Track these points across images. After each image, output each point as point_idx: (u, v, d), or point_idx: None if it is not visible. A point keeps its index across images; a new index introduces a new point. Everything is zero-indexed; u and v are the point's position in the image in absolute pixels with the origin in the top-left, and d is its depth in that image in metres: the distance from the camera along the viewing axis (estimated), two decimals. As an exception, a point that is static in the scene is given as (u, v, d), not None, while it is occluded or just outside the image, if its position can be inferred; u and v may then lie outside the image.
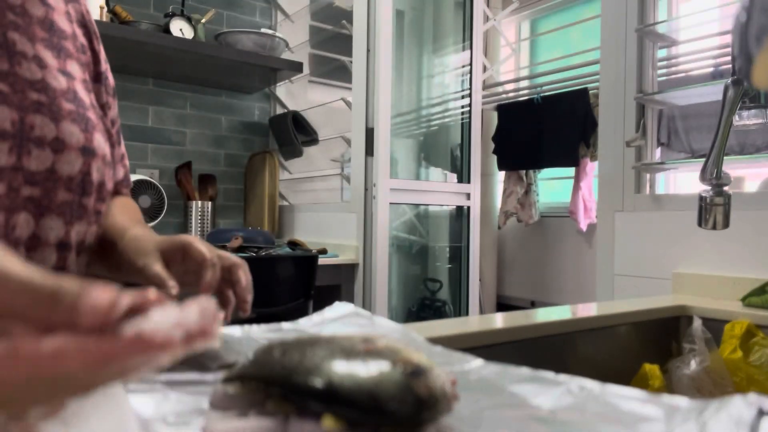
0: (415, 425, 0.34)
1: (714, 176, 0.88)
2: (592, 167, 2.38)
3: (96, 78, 0.71)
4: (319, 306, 0.72)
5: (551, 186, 2.76)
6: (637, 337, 0.99)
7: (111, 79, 0.75)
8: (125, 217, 0.71)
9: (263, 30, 2.53)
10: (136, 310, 0.24)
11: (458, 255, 2.51)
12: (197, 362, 0.50)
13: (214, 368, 0.49)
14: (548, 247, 2.66)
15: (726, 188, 0.90)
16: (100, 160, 0.63)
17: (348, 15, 2.42)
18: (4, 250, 0.24)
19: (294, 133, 2.59)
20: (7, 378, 0.20)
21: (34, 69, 0.57)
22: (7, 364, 0.20)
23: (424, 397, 0.34)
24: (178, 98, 2.54)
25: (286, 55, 2.61)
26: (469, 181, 2.44)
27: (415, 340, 0.59)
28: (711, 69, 1.55)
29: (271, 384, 0.36)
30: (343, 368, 0.35)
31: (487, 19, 2.71)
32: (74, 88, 0.62)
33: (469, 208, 2.44)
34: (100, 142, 0.63)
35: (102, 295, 0.23)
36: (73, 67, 0.64)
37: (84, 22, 0.70)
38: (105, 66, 0.73)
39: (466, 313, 2.42)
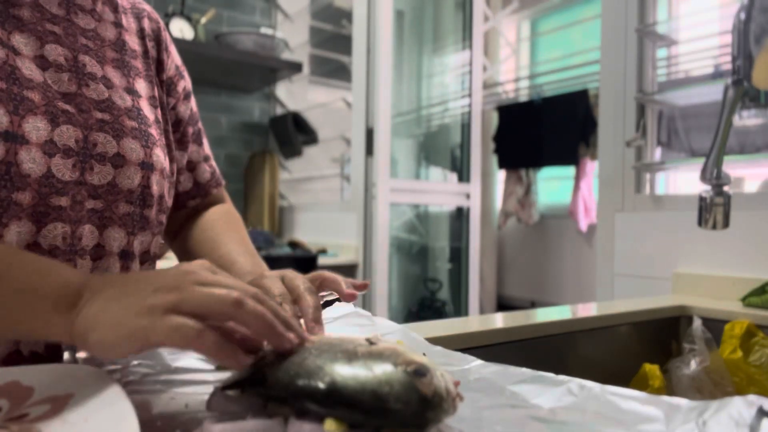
0: (420, 425, 0.33)
1: (714, 176, 0.88)
2: (592, 167, 2.38)
3: (161, 84, 0.75)
4: (319, 306, 0.72)
5: (551, 186, 2.76)
6: (637, 337, 0.99)
7: (183, 83, 0.78)
8: (236, 246, 0.74)
9: (263, 30, 2.53)
10: None
11: (458, 255, 2.51)
12: (197, 362, 0.50)
13: (214, 368, 0.49)
14: (548, 248, 2.66)
15: (726, 188, 0.90)
16: (159, 174, 0.67)
17: (348, 15, 2.42)
18: None
19: (294, 133, 2.59)
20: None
21: (101, 89, 0.62)
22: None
23: (429, 396, 0.33)
24: (178, 98, 2.53)
25: (286, 55, 2.61)
26: (468, 181, 2.44)
27: (415, 340, 0.59)
28: (711, 69, 1.55)
29: (271, 388, 0.36)
30: (345, 370, 0.34)
31: (487, 19, 2.71)
32: (139, 105, 0.67)
33: (469, 208, 2.44)
34: (159, 157, 0.67)
35: None
36: (140, 85, 0.69)
37: (159, 39, 0.75)
38: (172, 72, 0.76)
39: (466, 313, 2.42)
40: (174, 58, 0.78)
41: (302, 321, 0.52)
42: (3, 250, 0.43)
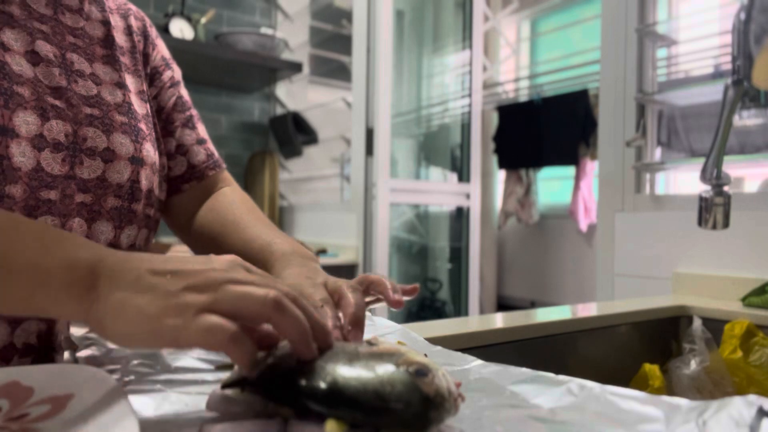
0: (422, 425, 0.33)
1: (714, 176, 0.88)
2: (592, 167, 2.38)
3: (146, 76, 0.75)
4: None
5: (551, 186, 2.76)
6: (637, 337, 0.99)
7: (170, 73, 0.79)
8: (264, 228, 0.72)
9: (263, 30, 2.53)
10: None
11: (458, 255, 2.51)
12: (197, 362, 0.50)
13: (214, 368, 0.49)
14: (548, 248, 2.66)
15: (726, 188, 0.90)
16: (149, 169, 0.67)
17: (348, 15, 2.42)
18: None
19: (294, 133, 2.59)
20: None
21: (89, 85, 0.63)
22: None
23: (431, 396, 0.33)
24: (178, 98, 2.53)
25: (286, 55, 2.61)
26: (468, 181, 2.44)
27: (415, 340, 0.59)
28: (711, 69, 1.55)
29: (272, 388, 0.36)
30: (347, 369, 0.34)
31: (487, 19, 2.71)
32: (129, 100, 0.67)
33: (469, 208, 2.44)
34: (149, 151, 0.67)
35: None
36: (130, 80, 0.70)
37: (146, 34, 0.76)
38: (157, 63, 0.77)
39: (466, 313, 2.42)
40: (161, 51, 0.79)
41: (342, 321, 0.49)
42: (4, 221, 0.40)
